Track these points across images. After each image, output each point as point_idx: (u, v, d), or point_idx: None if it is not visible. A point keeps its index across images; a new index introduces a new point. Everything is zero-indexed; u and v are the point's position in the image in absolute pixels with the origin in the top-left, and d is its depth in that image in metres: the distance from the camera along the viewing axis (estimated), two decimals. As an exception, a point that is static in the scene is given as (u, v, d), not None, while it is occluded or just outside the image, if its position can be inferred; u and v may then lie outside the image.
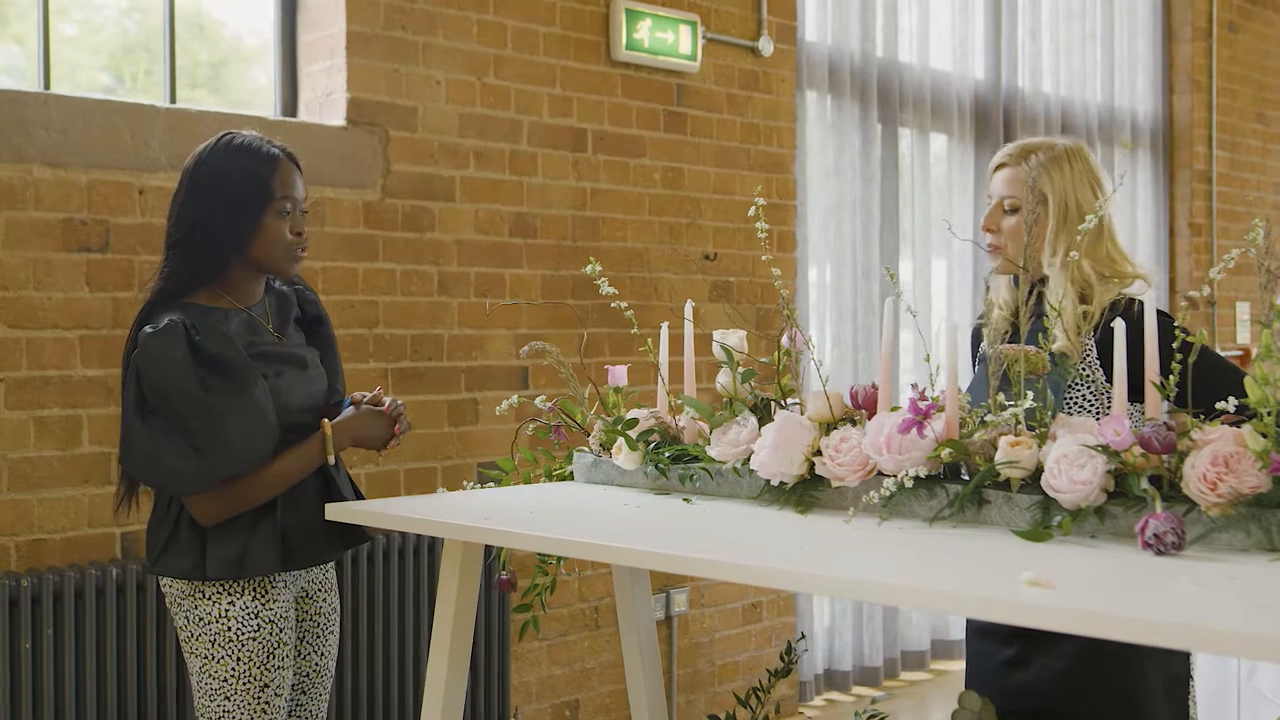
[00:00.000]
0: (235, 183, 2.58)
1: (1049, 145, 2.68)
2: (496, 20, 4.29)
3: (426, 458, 4.10)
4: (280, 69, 4.09)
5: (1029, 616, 1.51)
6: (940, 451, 2.08)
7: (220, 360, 2.50)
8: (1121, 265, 2.64)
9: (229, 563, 2.53)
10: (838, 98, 5.46)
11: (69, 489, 3.41)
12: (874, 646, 5.53)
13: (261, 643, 2.57)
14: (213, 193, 2.58)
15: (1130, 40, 7.05)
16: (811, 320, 5.39)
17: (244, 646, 2.55)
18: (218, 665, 2.55)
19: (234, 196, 2.58)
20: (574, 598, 4.48)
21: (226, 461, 2.48)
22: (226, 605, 2.55)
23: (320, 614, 2.79)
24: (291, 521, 2.60)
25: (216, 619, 2.55)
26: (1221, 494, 1.81)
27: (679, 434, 2.55)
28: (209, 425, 2.46)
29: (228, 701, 2.56)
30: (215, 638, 2.55)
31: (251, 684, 2.56)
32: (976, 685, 2.68)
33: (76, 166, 3.44)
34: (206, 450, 2.46)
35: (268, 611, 2.58)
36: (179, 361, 2.46)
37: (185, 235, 2.59)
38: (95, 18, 3.96)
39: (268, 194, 2.59)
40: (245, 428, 2.49)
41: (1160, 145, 7.23)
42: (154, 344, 2.48)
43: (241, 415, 2.49)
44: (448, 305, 4.17)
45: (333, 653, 2.83)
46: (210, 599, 2.56)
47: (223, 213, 2.57)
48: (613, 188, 4.61)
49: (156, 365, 2.47)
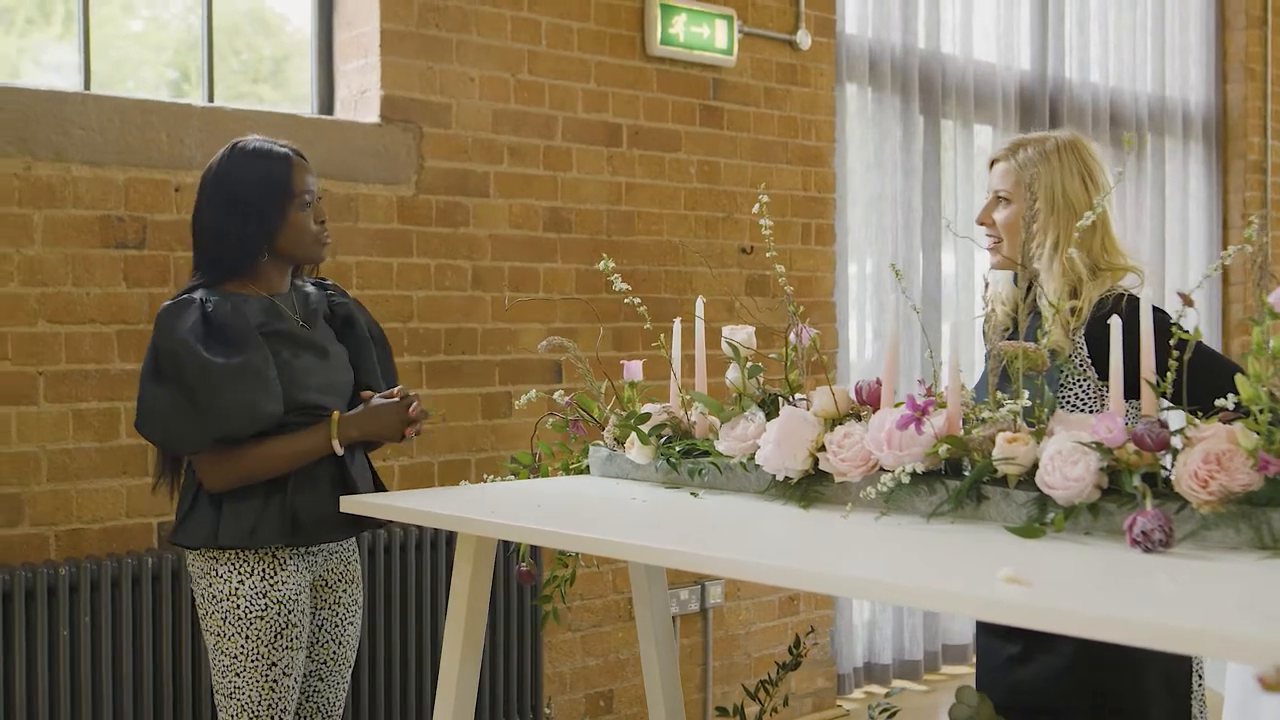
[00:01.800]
0: (256, 186, 2.75)
1: (1041, 139, 2.69)
2: (530, 17, 4.33)
3: (460, 450, 4.15)
4: (317, 67, 4.15)
5: (999, 613, 1.52)
6: (938, 448, 2.09)
7: (226, 329, 2.66)
8: (1114, 258, 2.63)
9: (240, 532, 2.67)
10: (878, 90, 5.45)
11: (107, 480, 3.49)
12: (914, 640, 5.52)
13: (270, 622, 2.68)
14: (238, 199, 2.75)
15: (1182, 29, 6.97)
16: (851, 313, 5.38)
17: (252, 625, 2.67)
18: (228, 642, 2.68)
19: (257, 199, 2.75)
20: (608, 589, 4.51)
21: (223, 420, 2.62)
22: (237, 584, 2.68)
23: (340, 604, 2.87)
24: (302, 500, 2.72)
25: (228, 596, 2.68)
26: (1212, 492, 1.81)
27: (691, 429, 2.58)
28: (208, 385, 2.61)
29: (238, 678, 2.69)
30: (226, 615, 2.68)
31: (260, 662, 2.68)
32: (985, 681, 2.69)
33: (114, 165, 3.52)
34: (204, 408, 2.61)
35: (276, 592, 2.70)
36: (187, 327, 2.63)
37: (214, 239, 2.76)
38: (161, 14, 4.05)
39: (289, 191, 2.76)
40: (243, 389, 2.63)
41: (1213, 135, 7.14)
42: (168, 313, 2.68)
43: (240, 377, 2.63)
44: (481, 300, 4.21)
45: (353, 643, 2.91)
46: (223, 577, 2.69)
47: (250, 216, 2.74)
48: (648, 182, 4.64)
49: (167, 330, 2.65)
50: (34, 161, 3.40)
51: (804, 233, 5.12)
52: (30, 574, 3.22)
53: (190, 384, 2.61)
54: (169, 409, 2.64)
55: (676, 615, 4.67)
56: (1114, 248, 2.63)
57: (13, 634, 3.18)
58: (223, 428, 2.62)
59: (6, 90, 3.37)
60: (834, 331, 5.23)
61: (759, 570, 1.80)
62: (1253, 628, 1.32)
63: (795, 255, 5.08)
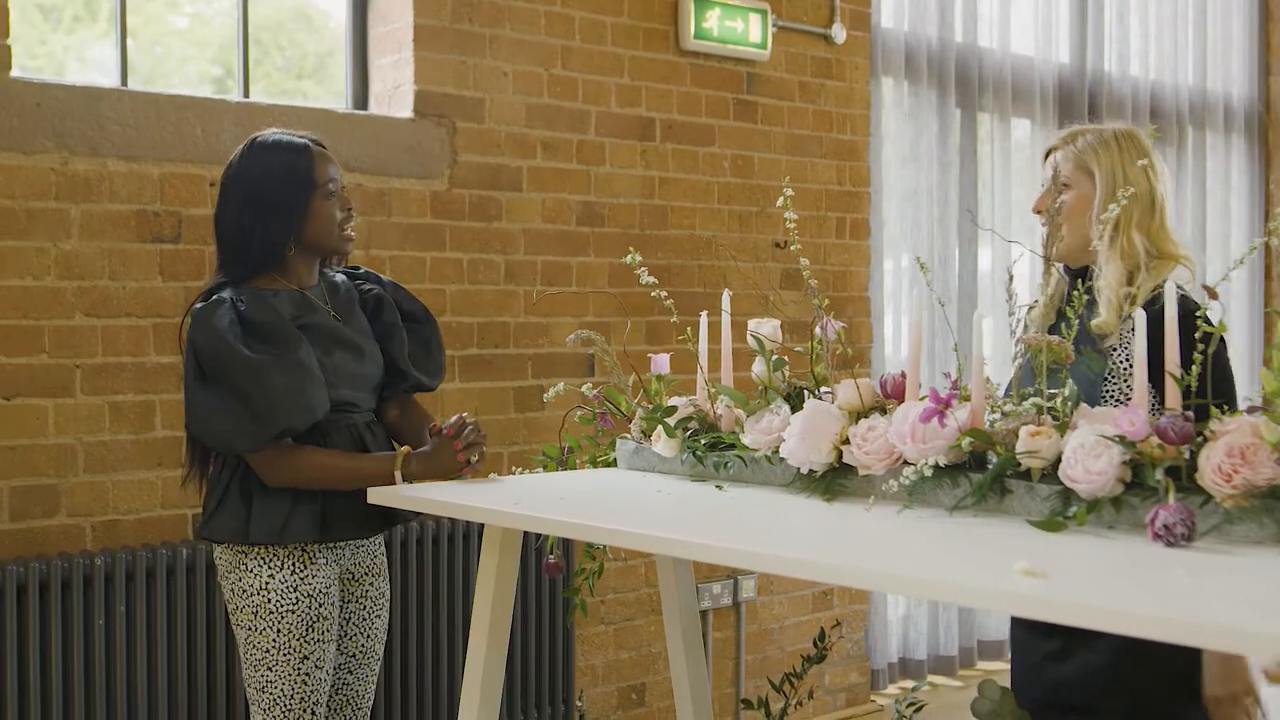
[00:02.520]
0: (279, 178, 2.74)
1: (1099, 129, 2.71)
2: (564, 12, 4.34)
3: (494, 443, 4.16)
4: (352, 63, 4.17)
5: (1013, 605, 1.52)
6: (961, 441, 2.08)
7: (263, 326, 2.66)
8: (1171, 247, 2.63)
9: (271, 530, 2.68)
10: (915, 84, 5.42)
11: (142, 471, 3.53)
12: (949, 635, 5.50)
13: (301, 615, 2.69)
14: (260, 194, 2.74)
15: (1224, 21, 6.89)
16: (888, 307, 5.37)
17: (284, 619, 2.67)
18: (260, 636, 2.69)
19: (282, 191, 2.73)
20: (640, 582, 4.52)
21: (279, 416, 2.61)
22: (267, 578, 2.69)
23: (367, 597, 2.88)
24: (331, 498, 2.72)
25: (258, 590, 2.69)
26: (1236, 485, 1.79)
27: (717, 422, 2.58)
28: (258, 383, 2.60)
29: (270, 672, 2.69)
30: (257, 609, 2.68)
31: (291, 655, 2.68)
32: (1021, 677, 2.68)
33: (149, 160, 3.55)
34: (259, 406, 2.60)
35: (306, 585, 2.70)
36: (225, 328, 2.62)
37: (240, 235, 2.75)
38: (205, 10, 4.09)
39: (312, 182, 2.75)
40: (292, 384, 2.62)
41: (1255, 129, 7.06)
42: (202, 315, 2.66)
43: (287, 372, 2.62)
44: (514, 294, 4.23)
45: (381, 636, 2.92)
46: (252, 571, 2.69)
47: (274, 209, 2.73)
48: (681, 176, 4.64)
49: (205, 334, 2.63)
50: (70, 157, 3.44)
51: (839, 227, 5.11)
52: (66, 564, 3.26)
53: (239, 384, 2.60)
54: (223, 411, 2.62)
55: (709, 609, 4.68)
56: (1169, 236, 2.64)
57: (50, 624, 3.22)
58: (280, 423, 2.61)
59: (43, 86, 3.41)
60: (869, 326, 5.21)
61: (774, 562, 1.81)
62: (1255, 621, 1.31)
63: (830, 250, 5.07)
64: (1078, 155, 2.66)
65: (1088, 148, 2.66)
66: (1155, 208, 2.63)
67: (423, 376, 2.94)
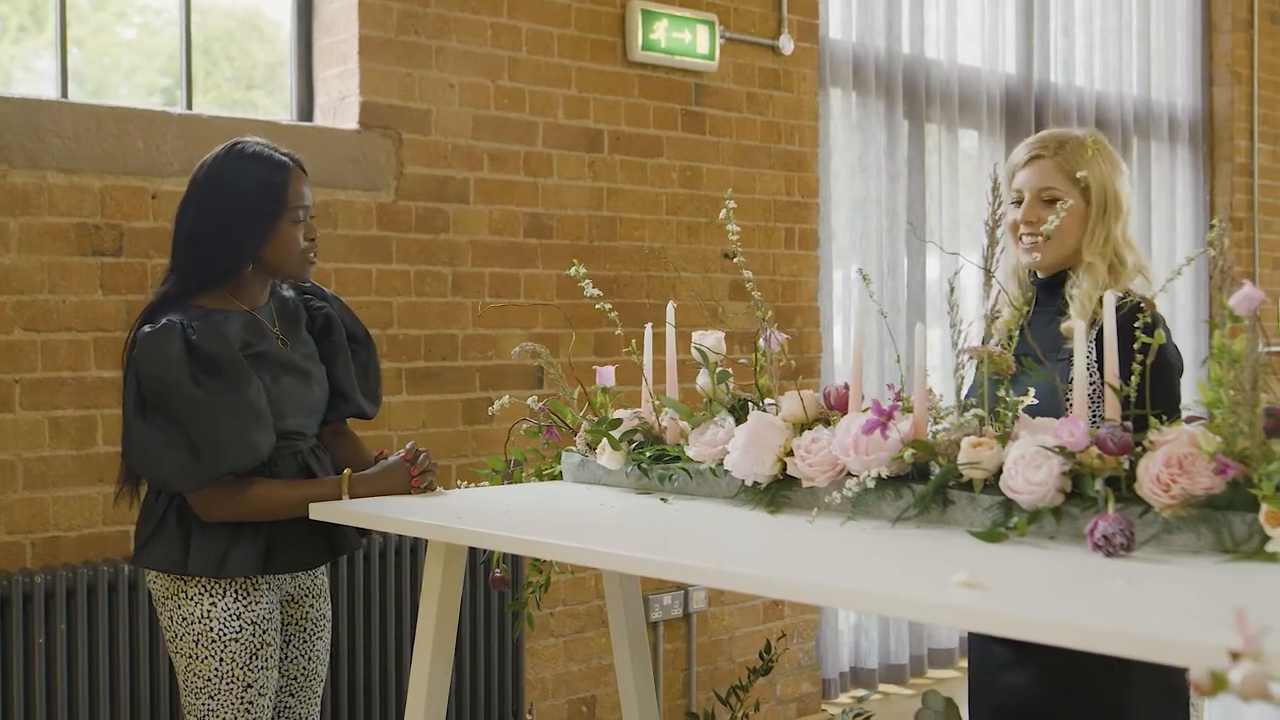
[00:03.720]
0: (250, 191, 2.63)
1: (1077, 136, 2.68)
2: (510, 23, 4.32)
3: (441, 456, 4.14)
4: (297, 74, 4.14)
5: (949, 617, 1.52)
6: (904, 452, 2.09)
7: (214, 359, 2.53)
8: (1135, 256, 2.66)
9: (210, 562, 2.57)
10: (863, 95, 5.45)
11: (83, 488, 3.49)
12: (900, 644, 5.52)
13: (244, 644, 2.60)
14: (227, 201, 2.63)
15: (1168, 33, 6.97)
16: (837, 317, 5.38)
17: (227, 647, 2.59)
18: (201, 665, 2.60)
19: (249, 205, 2.63)
20: (590, 594, 4.51)
21: (221, 459, 2.50)
22: (209, 606, 2.59)
23: (308, 619, 2.82)
24: (276, 527, 2.63)
25: (199, 619, 2.59)
26: (1174, 495, 1.81)
27: (661, 434, 2.57)
28: (203, 422, 2.49)
29: (212, 700, 2.60)
30: (199, 638, 2.59)
31: (235, 684, 2.60)
32: (978, 685, 2.68)
33: (90, 172, 3.51)
34: (202, 447, 2.49)
35: (250, 613, 2.61)
36: (174, 359, 2.50)
37: (197, 242, 2.64)
38: (154, 21, 4.05)
39: (283, 203, 2.65)
40: (239, 425, 2.52)
41: (1199, 139, 7.14)
42: (150, 342, 2.53)
43: (235, 413, 2.52)
44: (462, 305, 4.21)
45: (323, 658, 2.86)
46: (193, 599, 2.60)
47: (238, 221, 2.62)
48: (630, 188, 4.63)
49: (152, 363, 2.51)
50: (9, 169, 3.39)
51: (787, 237, 5.12)
52: (6, 582, 3.20)
53: (183, 421, 2.50)
54: (162, 446, 2.51)
55: (660, 620, 4.67)
56: (1132, 245, 2.66)
57: (-12, 642, 3.17)
58: (221, 467, 2.51)
59: (-19, 98, 3.37)
60: (818, 336, 5.22)
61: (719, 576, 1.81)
62: (1193, 632, 1.31)
63: (779, 260, 5.08)
64: (1066, 166, 2.64)
65: (1077, 158, 2.62)
66: (1125, 216, 2.65)
67: (364, 402, 2.87)
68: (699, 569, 1.82)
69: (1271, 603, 1.47)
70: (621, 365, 2.87)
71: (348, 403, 2.85)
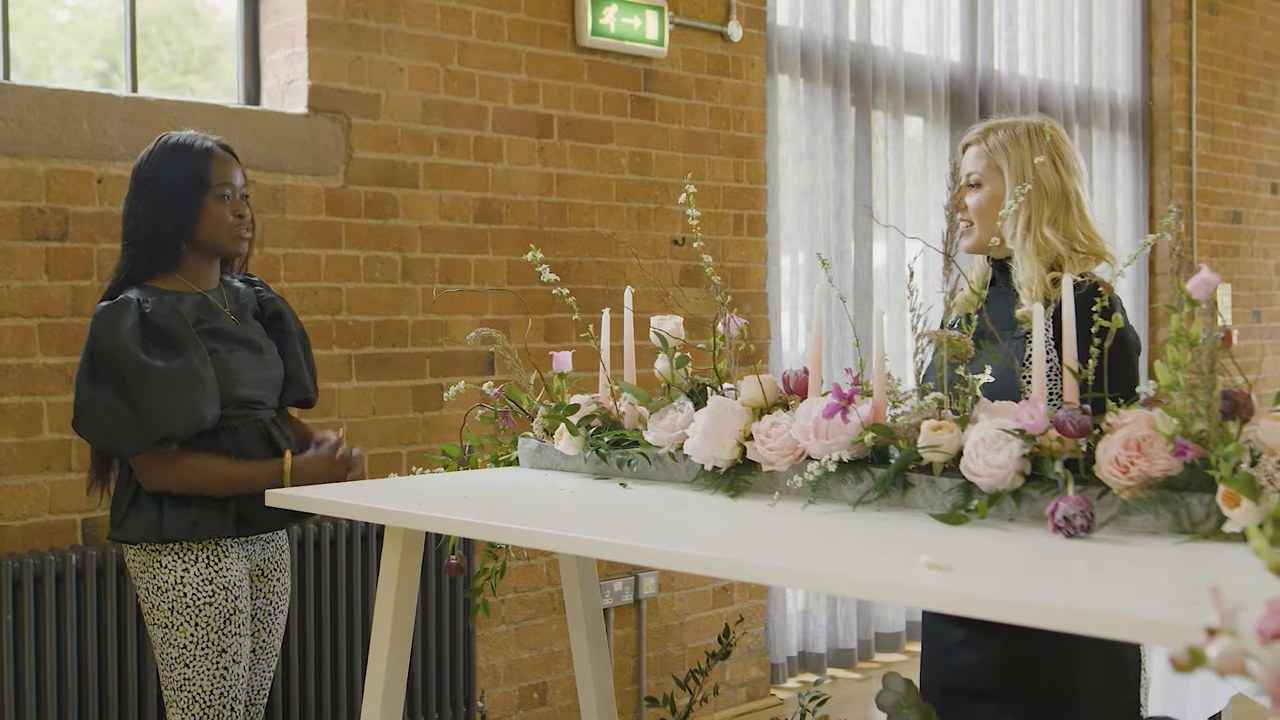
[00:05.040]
0: (176, 177, 2.83)
1: (1012, 123, 2.74)
2: (460, 7, 4.30)
3: (392, 443, 4.12)
4: (244, 57, 4.10)
5: (918, 598, 1.53)
6: (864, 436, 2.10)
7: (164, 330, 2.73)
8: (1093, 243, 2.68)
9: (184, 526, 2.74)
10: (810, 82, 5.46)
11: (29, 475, 3.44)
12: (848, 629, 5.56)
13: (218, 608, 2.75)
14: (157, 189, 2.83)
15: (1109, 22, 7.05)
16: (784, 304, 5.40)
17: (200, 612, 2.73)
18: (177, 632, 2.74)
19: (176, 190, 2.83)
20: (542, 581, 4.50)
21: (162, 423, 2.68)
22: (181, 573, 2.74)
23: (274, 592, 2.97)
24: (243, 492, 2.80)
25: (173, 586, 2.74)
26: (1133, 477, 1.83)
27: (620, 419, 2.57)
28: (147, 389, 2.67)
29: (187, 668, 2.74)
30: (174, 604, 2.74)
31: (209, 649, 2.74)
32: (930, 664, 2.71)
33: (34, 156, 3.46)
34: (144, 412, 2.67)
35: (221, 579, 2.77)
36: (126, 329, 2.68)
37: (138, 229, 2.84)
38: (88, 4, 3.99)
39: (205, 183, 2.85)
40: (183, 393, 2.69)
41: (1140, 127, 7.23)
42: (106, 315, 2.73)
43: (179, 381, 2.69)
44: (411, 291, 4.18)
45: (281, 631, 3.01)
46: (167, 567, 2.75)
47: (168, 205, 2.83)
48: (580, 173, 4.62)
49: (105, 332, 2.70)
50: (-49, 152, 3.33)
51: (736, 224, 5.13)
52: (-50, 572, 3.16)
53: (129, 387, 2.67)
54: (107, 412, 2.69)
55: (610, 607, 4.67)
56: (1091, 232, 2.69)
57: (-68, 634, 3.12)
58: (161, 431, 2.68)
59: (-78, 79, 3.31)
60: (766, 322, 5.24)
61: (681, 560, 1.80)
62: (1164, 611, 1.33)
63: (727, 246, 5.09)
64: (989, 153, 2.72)
65: (998, 145, 2.71)
66: (1070, 203, 2.68)
67: (310, 388, 3.06)
68: (669, 553, 1.81)
69: (1232, 581, 1.49)
70: (577, 351, 2.87)
71: (295, 387, 3.02)
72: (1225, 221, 7.64)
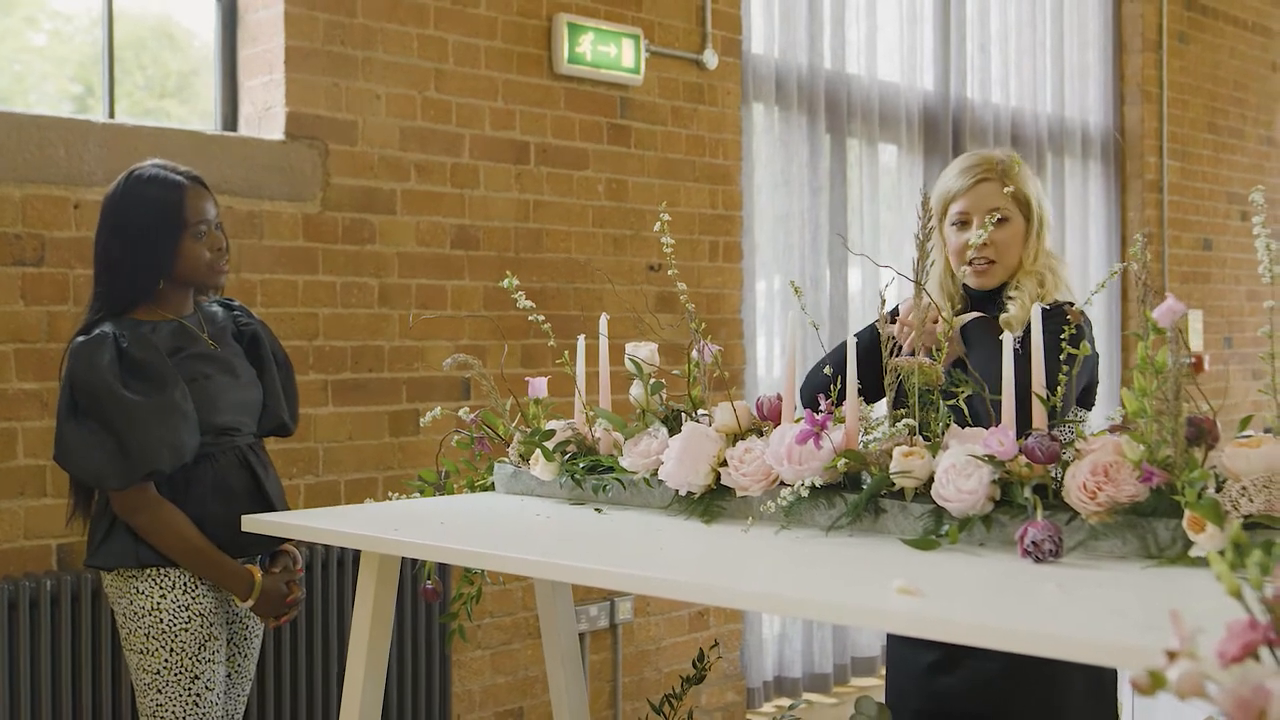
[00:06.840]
0: (150, 215, 2.77)
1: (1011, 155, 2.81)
2: (438, 34, 4.33)
3: (368, 468, 4.12)
4: (221, 83, 4.11)
5: (891, 623, 1.55)
6: (837, 461, 2.12)
7: (142, 365, 2.70)
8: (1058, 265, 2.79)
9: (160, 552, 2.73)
10: (785, 110, 5.51)
11: (4, 501, 3.43)
12: (824, 653, 5.57)
13: (193, 634, 2.74)
14: (131, 228, 2.78)
15: (1081, 52, 7.13)
16: (760, 330, 5.43)
17: (176, 638, 2.72)
18: (151, 659, 2.72)
19: (149, 229, 2.77)
20: (517, 606, 4.50)
21: (149, 459, 2.66)
22: (159, 599, 2.73)
23: (250, 617, 2.94)
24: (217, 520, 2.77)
25: (149, 612, 2.72)
26: (1100, 503, 1.85)
27: (595, 445, 2.59)
28: (131, 424, 2.65)
29: (160, 694, 2.72)
30: (149, 630, 2.72)
31: (183, 675, 2.72)
32: (898, 692, 2.73)
33: (10, 181, 3.46)
34: (130, 447, 2.65)
35: (197, 605, 2.75)
36: (105, 365, 2.66)
37: (111, 268, 2.80)
38: (65, 28, 4.00)
39: (181, 222, 2.79)
40: (165, 427, 2.68)
41: (1111, 155, 7.30)
42: (83, 350, 2.70)
43: (161, 415, 2.68)
44: (388, 317, 4.20)
45: (255, 656, 2.99)
46: (144, 594, 2.73)
47: (143, 244, 2.77)
48: (556, 200, 4.65)
49: (84, 369, 2.68)
50: (-72, 178, 3.34)
51: (711, 250, 5.16)
52: (-77, 598, 3.15)
53: (113, 423, 2.66)
54: (94, 447, 2.67)
55: (586, 632, 4.67)
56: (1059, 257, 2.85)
57: (-95, 660, 3.11)
58: (149, 465, 2.66)
59: (-101, 105, 3.31)
60: (741, 348, 5.27)
61: (656, 585, 1.82)
62: (1132, 635, 1.35)
63: (703, 272, 5.12)
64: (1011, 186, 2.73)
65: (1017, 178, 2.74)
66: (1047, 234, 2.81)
67: (287, 417, 3.03)
68: (644, 578, 1.83)
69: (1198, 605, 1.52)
70: (552, 376, 2.89)
71: (271, 415, 2.99)
72: (1196, 249, 7.71)
